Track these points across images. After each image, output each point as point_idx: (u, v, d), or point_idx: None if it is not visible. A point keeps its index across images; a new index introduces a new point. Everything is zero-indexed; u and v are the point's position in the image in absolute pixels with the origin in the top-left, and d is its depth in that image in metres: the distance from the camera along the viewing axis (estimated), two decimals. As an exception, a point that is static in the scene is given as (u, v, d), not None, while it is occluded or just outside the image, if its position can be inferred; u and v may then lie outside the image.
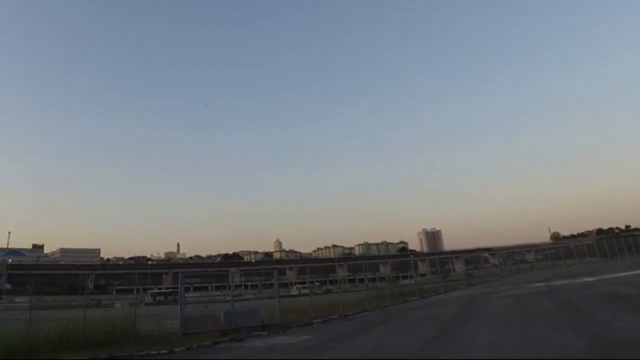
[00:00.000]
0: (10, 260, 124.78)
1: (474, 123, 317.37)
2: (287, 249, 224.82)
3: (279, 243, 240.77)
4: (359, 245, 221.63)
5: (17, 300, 70.79)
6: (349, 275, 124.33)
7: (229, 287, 42.85)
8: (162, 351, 14.91)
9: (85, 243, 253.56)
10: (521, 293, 29.04)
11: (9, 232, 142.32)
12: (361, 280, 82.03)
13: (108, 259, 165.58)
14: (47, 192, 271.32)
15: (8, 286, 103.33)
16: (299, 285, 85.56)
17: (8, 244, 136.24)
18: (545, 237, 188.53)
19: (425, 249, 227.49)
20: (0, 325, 15.89)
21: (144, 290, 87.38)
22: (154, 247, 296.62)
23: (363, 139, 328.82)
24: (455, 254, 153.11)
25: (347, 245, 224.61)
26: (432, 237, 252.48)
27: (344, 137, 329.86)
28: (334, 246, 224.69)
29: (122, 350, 15.02)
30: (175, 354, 14.71)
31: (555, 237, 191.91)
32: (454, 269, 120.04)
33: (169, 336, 17.97)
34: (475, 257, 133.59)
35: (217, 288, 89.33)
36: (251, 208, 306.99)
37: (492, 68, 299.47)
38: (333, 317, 24.16)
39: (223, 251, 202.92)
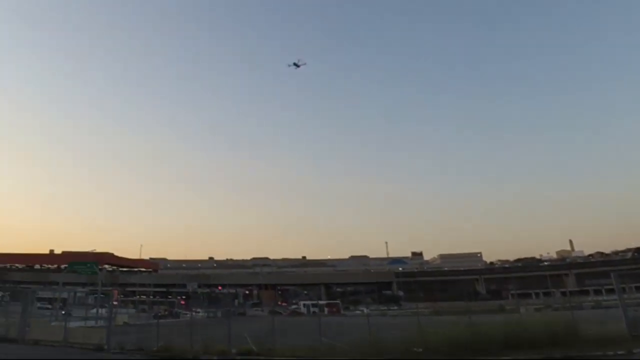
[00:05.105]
0: (401, 268, 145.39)
1: None
2: None
3: None
4: None
5: (414, 305, 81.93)
6: None
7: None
8: (619, 352, 15.44)
9: (461, 247, 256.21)
10: None
11: (386, 242, 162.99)
12: None
13: (491, 262, 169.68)
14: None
15: (400, 293, 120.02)
16: None
17: (387, 252, 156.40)
18: None
19: None
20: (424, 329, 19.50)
21: (544, 294, 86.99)
22: (541, 246, 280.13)
23: None
24: None
25: None
26: None
27: None
28: None
29: (570, 351, 16.15)
30: (634, 354, 14.93)
31: None
32: None
33: (614, 338, 18.05)
34: None
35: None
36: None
37: None
38: None
39: (633, 245, 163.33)
